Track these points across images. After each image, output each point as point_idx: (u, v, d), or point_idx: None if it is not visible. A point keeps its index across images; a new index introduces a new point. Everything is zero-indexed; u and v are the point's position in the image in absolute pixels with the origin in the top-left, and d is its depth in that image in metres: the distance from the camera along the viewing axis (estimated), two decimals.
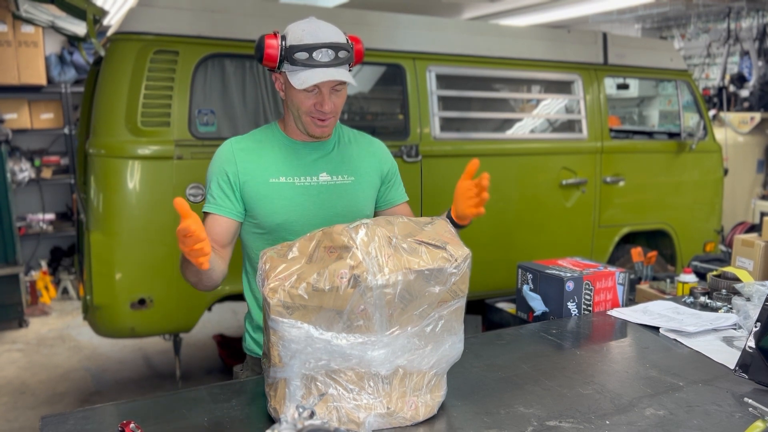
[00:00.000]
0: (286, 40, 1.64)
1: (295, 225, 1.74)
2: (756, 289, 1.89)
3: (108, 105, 2.99)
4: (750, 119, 6.64)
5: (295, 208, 1.73)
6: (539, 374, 1.62)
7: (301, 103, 1.68)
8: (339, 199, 1.78)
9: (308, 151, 1.78)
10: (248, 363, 1.89)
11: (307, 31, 1.64)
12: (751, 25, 7.35)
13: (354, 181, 1.81)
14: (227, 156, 1.73)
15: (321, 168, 1.77)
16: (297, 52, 1.62)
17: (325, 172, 1.78)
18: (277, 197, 1.72)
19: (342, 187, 1.79)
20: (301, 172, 1.75)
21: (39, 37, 5.92)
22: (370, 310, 1.29)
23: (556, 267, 2.19)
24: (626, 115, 8.24)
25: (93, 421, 1.39)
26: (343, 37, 1.68)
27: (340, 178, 1.79)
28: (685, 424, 1.36)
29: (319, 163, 1.78)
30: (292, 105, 1.71)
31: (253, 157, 1.73)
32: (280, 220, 1.73)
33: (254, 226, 1.77)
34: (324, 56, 1.62)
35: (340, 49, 1.64)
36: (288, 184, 1.73)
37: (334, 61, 1.63)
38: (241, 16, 3.18)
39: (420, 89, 3.56)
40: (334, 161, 1.80)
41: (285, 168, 1.74)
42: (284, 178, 1.73)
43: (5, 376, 4.27)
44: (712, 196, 4.68)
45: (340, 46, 1.64)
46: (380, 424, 1.35)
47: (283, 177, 1.73)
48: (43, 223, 6.31)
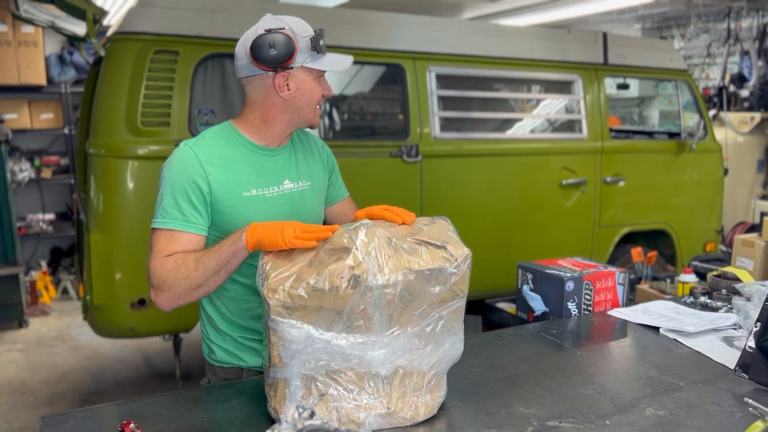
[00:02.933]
0: (295, 33, 1.59)
1: None
2: (756, 289, 1.89)
3: (108, 105, 2.98)
4: (750, 119, 6.64)
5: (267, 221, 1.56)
6: (539, 374, 1.62)
7: (314, 92, 1.66)
8: (303, 206, 1.72)
9: (270, 156, 1.69)
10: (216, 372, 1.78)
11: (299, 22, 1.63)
12: (751, 25, 7.35)
13: (311, 186, 1.76)
14: (194, 167, 1.57)
15: (283, 175, 1.70)
16: (319, 40, 1.61)
17: (288, 179, 1.70)
18: (252, 212, 1.62)
19: (303, 194, 1.73)
20: (268, 182, 1.66)
21: (39, 37, 5.92)
22: (370, 310, 1.29)
23: (556, 267, 2.19)
24: (626, 115, 8.23)
25: (93, 421, 1.39)
26: None
27: (300, 183, 1.73)
28: (685, 424, 1.36)
29: (282, 170, 1.70)
30: (302, 99, 1.64)
31: (221, 169, 1.60)
32: None
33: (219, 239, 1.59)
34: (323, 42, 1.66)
35: None
36: (260, 196, 1.64)
37: None
38: (241, 16, 3.18)
39: (420, 89, 3.56)
40: (292, 166, 1.73)
41: (254, 178, 1.64)
42: (255, 191, 1.64)
43: (5, 376, 4.27)
44: (712, 196, 4.68)
45: None
46: (380, 424, 1.35)
47: (254, 189, 1.63)
48: (43, 223, 6.31)
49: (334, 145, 3.50)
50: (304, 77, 1.63)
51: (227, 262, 1.48)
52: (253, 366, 1.73)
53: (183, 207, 1.55)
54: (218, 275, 1.49)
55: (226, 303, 1.70)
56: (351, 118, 4.35)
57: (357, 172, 3.36)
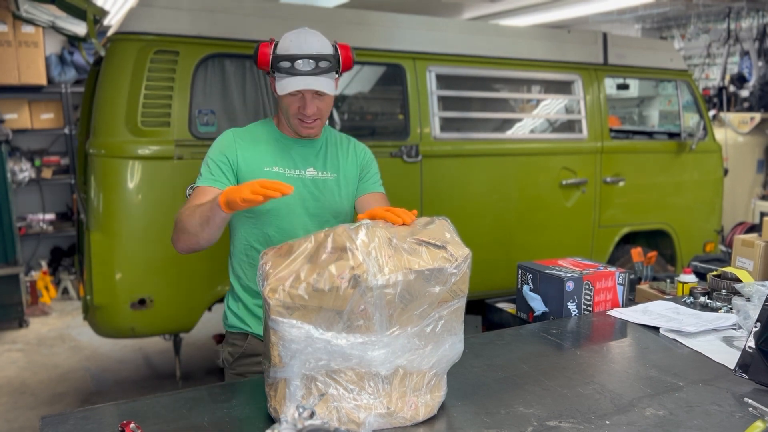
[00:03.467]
0: (276, 48, 1.80)
1: (282, 212, 1.86)
2: (756, 289, 1.89)
3: (108, 105, 2.99)
4: (750, 119, 6.64)
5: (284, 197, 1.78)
6: (539, 374, 1.62)
7: (289, 105, 1.84)
8: (322, 193, 1.92)
9: (298, 147, 1.93)
10: (228, 340, 1.99)
11: (294, 41, 1.78)
12: (751, 25, 7.35)
13: (336, 178, 1.95)
14: (229, 142, 1.88)
15: (309, 163, 1.92)
16: (281, 61, 1.77)
17: (313, 167, 1.92)
18: None
19: (326, 183, 1.93)
20: (291, 165, 1.90)
21: (39, 37, 5.92)
22: (370, 310, 1.29)
23: (556, 267, 2.19)
24: (626, 115, 8.24)
25: (93, 421, 1.39)
26: (329, 48, 1.82)
27: (325, 174, 1.93)
28: (685, 424, 1.36)
29: (308, 159, 1.92)
30: (281, 107, 1.89)
31: (251, 147, 1.88)
32: (269, 206, 1.81)
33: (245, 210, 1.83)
34: (305, 66, 1.77)
35: (321, 60, 1.78)
36: (280, 174, 1.87)
37: (314, 70, 1.77)
38: (241, 16, 3.18)
39: (420, 89, 3.56)
40: (321, 159, 1.94)
41: (278, 159, 1.89)
42: (277, 168, 1.87)
43: (5, 376, 4.27)
44: (712, 196, 4.68)
45: (321, 56, 1.78)
46: (380, 424, 1.35)
47: (276, 167, 1.88)
48: (44, 223, 6.31)
49: None
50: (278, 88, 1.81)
51: (209, 218, 1.65)
52: (256, 333, 1.91)
53: (212, 170, 1.84)
54: (204, 229, 1.68)
55: (245, 269, 1.92)
56: (351, 118, 4.35)
57: None
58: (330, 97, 1.85)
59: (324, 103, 1.84)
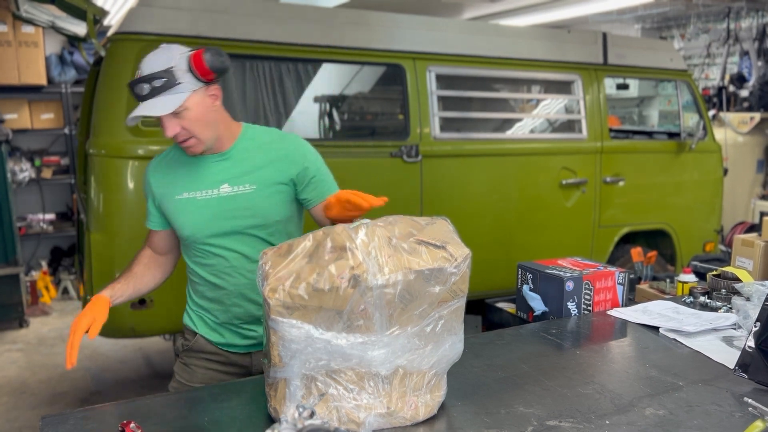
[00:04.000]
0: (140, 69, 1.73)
1: (201, 237, 1.83)
2: (756, 289, 1.89)
3: (108, 105, 2.99)
4: (750, 119, 6.64)
5: (198, 222, 1.82)
6: (539, 374, 1.62)
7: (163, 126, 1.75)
8: (241, 209, 1.81)
9: (209, 164, 1.83)
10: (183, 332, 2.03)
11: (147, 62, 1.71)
12: (750, 25, 7.35)
13: (256, 189, 1.81)
14: (146, 179, 1.92)
15: (222, 179, 1.82)
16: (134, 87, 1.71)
17: (227, 183, 1.81)
18: (182, 213, 1.83)
19: (243, 197, 1.81)
20: (202, 186, 1.82)
21: (39, 37, 5.91)
22: (370, 310, 1.29)
23: (556, 267, 2.19)
24: (626, 115, 8.24)
25: (93, 421, 1.39)
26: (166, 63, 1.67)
27: (242, 188, 1.81)
28: (685, 424, 1.36)
29: (221, 175, 1.82)
30: None
31: (163, 176, 1.88)
32: (187, 233, 1.84)
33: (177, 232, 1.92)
34: (141, 90, 1.69)
35: (153, 80, 1.66)
36: (190, 199, 1.82)
37: (151, 93, 1.67)
38: (241, 16, 3.18)
39: (420, 89, 3.56)
40: (235, 171, 1.82)
41: (188, 184, 1.83)
42: (187, 194, 1.82)
43: (6, 375, 4.27)
44: (711, 196, 4.68)
45: (152, 77, 1.66)
46: (380, 424, 1.35)
47: (186, 193, 1.82)
48: (44, 223, 6.31)
49: (335, 145, 3.53)
50: None
51: None
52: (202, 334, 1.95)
53: (149, 208, 1.93)
54: None
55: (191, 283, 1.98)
56: (351, 118, 4.35)
57: (357, 172, 3.36)
58: (193, 112, 1.71)
59: (187, 121, 1.71)
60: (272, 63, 3.39)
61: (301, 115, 3.97)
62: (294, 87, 3.70)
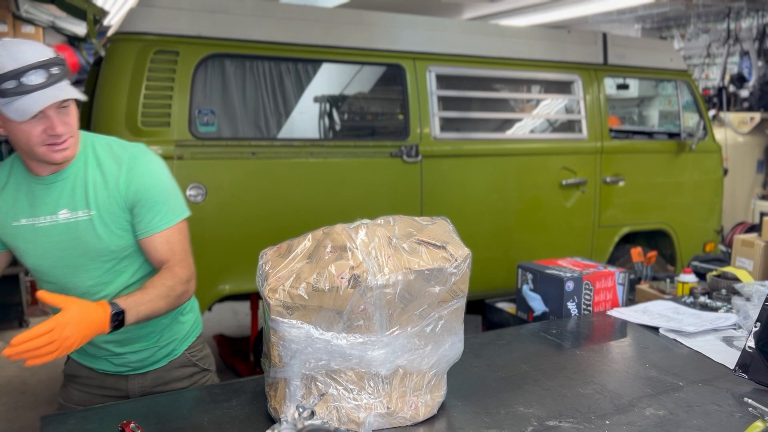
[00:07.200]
0: None
1: (44, 268, 1.64)
2: (756, 289, 1.89)
3: (108, 105, 2.99)
4: (750, 119, 6.64)
5: (39, 252, 1.62)
6: (539, 374, 1.62)
7: (29, 134, 1.48)
8: (80, 239, 1.61)
9: (47, 186, 1.60)
10: None
11: (5, 56, 1.43)
12: (750, 25, 7.35)
13: (94, 216, 1.60)
14: None
15: (62, 204, 1.60)
16: (4, 81, 1.42)
17: (66, 208, 1.60)
18: (22, 241, 1.62)
19: (82, 224, 1.60)
20: (42, 212, 1.60)
21: (39, 37, 5.89)
22: (370, 310, 1.29)
23: (556, 267, 2.19)
24: (626, 115, 8.24)
25: (93, 421, 1.39)
26: (49, 53, 1.49)
27: (81, 213, 1.60)
28: (685, 424, 1.36)
29: (60, 199, 1.60)
30: (17, 141, 1.51)
31: None
32: (30, 264, 1.64)
33: None
34: (36, 77, 1.44)
35: (52, 65, 1.47)
36: (29, 226, 1.60)
37: (49, 80, 1.46)
38: (241, 16, 3.18)
39: (420, 89, 3.56)
40: (75, 195, 1.60)
41: (26, 208, 1.60)
42: (25, 220, 1.60)
43: (5, 375, 4.27)
44: (711, 196, 4.68)
45: (51, 62, 1.47)
46: (380, 424, 1.35)
47: (24, 219, 1.60)
48: None
49: (335, 145, 3.53)
50: (4, 119, 1.47)
51: None
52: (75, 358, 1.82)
53: None
54: None
55: None
56: (351, 118, 4.35)
57: (357, 172, 3.36)
58: (74, 108, 1.54)
59: (71, 117, 1.53)
60: (272, 63, 3.39)
61: (301, 115, 3.97)
62: (294, 87, 3.71)
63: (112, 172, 1.61)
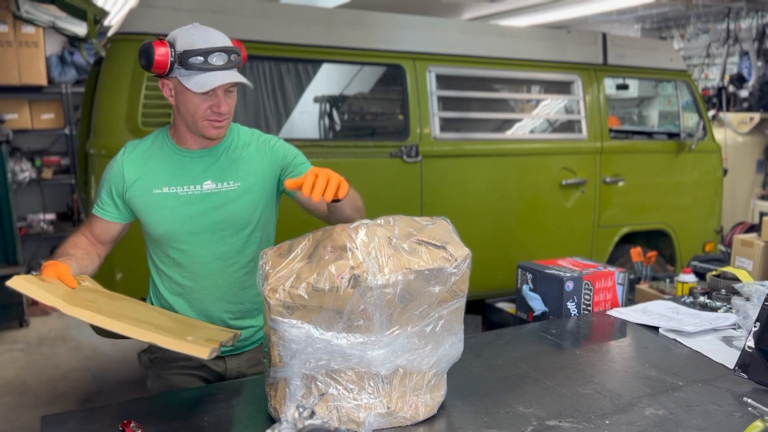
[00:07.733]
0: (176, 46, 1.65)
1: (178, 234, 1.77)
2: (755, 289, 1.89)
3: (109, 105, 2.99)
4: (749, 119, 6.64)
5: (177, 218, 1.76)
6: (539, 374, 1.63)
7: (197, 107, 1.68)
8: (223, 207, 1.77)
9: (195, 159, 1.78)
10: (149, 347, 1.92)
11: (198, 36, 1.66)
12: (750, 26, 7.35)
13: (240, 187, 1.78)
14: (117, 170, 1.79)
15: (207, 176, 1.77)
16: (192, 56, 1.63)
17: (210, 180, 1.77)
18: (160, 208, 1.75)
19: (226, 195, 1.77)
20: (185, 181, 1.76)
21: (39, 37, 5.91)
22: (370, 310, 1.29)
23: (555, 267, 2.20)
24: (626, 115, 8.24)
25: (93, 421, 1.39)
26: (229, 42, 1.70)
27: (226, 185, 1.77)
28: (685, 423, 1.36)
29: (205, 172, 1.78)
30: (185, 110, 1.71)
31: (139, 168, 1.78)
32: (162, 230, 1.77)
33: (145, 232, 1.85)
34: (219, 59, 1.65)
35: (232, 53, 1.68)
36: (171, 194, 1.75)
37: (228, 64, 1.67)
38: (241, 17, 3.18)
39: (420, 89, 3.56)
40: (220, 168, 1.79)
41: (169, 178, 1.76)
42: (168, 189, 1.75)
43: (6, 375, 4.27)
44: (711, 196, 4.68)
45: (232, 49, 1.68)
46: (380, 424, 1.35)
47: (166, 187, 1.75)
48: (44, 223, 6.31)
49: (335, 146, 3.53)
50: (182, 89, 1.67)
51: None
52: None
53: (104, 198, 1.81)
54: None
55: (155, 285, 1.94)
56: (351, 118, 4.36)
57: (357, 172, 3.36)
58: (235, 93, 1.75)
59: (232, 100, 1.74)
60: (272, 63, 3.39)
61: (302, 116, 3.98)
62: (294, 87, 3.71)
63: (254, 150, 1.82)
